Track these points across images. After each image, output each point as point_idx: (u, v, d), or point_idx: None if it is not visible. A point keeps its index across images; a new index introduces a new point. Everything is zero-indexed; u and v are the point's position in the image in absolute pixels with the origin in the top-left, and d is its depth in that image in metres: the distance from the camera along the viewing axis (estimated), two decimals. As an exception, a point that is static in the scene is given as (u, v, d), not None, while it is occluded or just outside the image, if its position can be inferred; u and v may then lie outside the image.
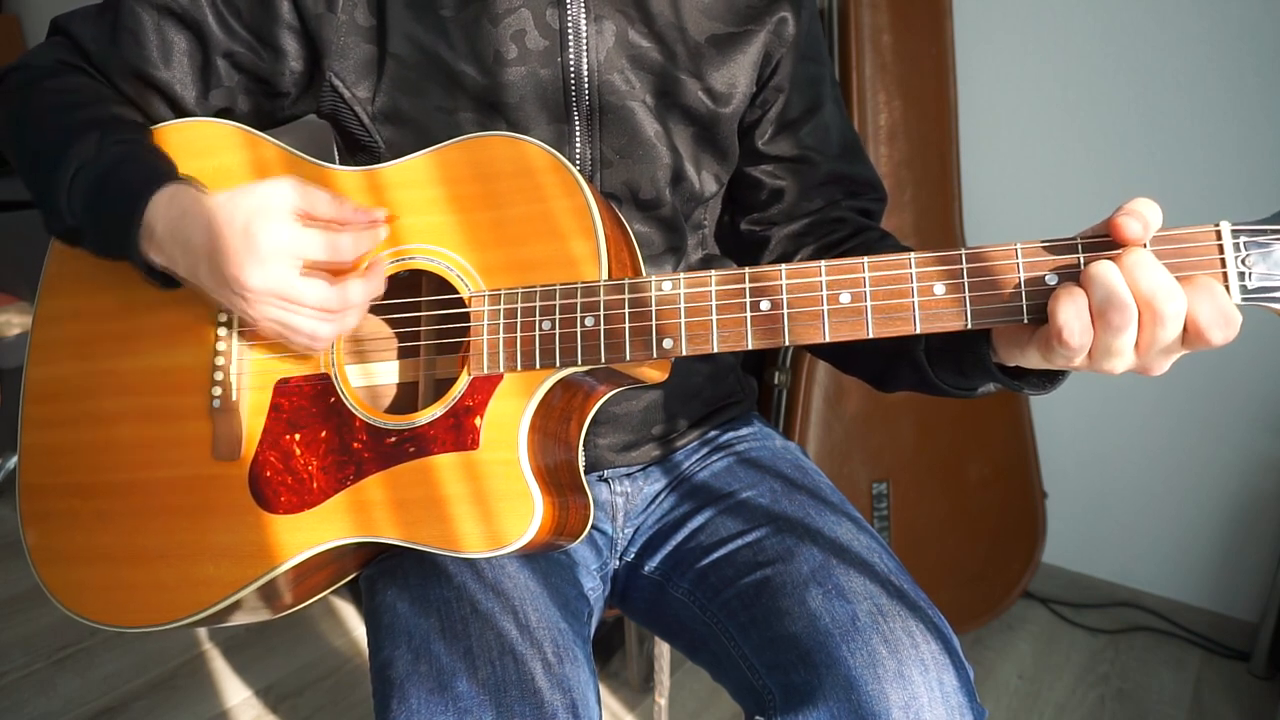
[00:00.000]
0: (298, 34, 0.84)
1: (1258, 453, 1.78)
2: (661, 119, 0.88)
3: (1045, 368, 0.67)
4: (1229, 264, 0.59)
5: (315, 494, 0.77)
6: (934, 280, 0.64)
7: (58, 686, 1.68)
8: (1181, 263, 0.60)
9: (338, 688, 1.73)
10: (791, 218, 0.95)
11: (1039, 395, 0.72)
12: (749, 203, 0.97)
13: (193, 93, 0.86)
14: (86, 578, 0.82)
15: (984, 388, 0.77)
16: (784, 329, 0.67)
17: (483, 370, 0.74)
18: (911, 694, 0.72)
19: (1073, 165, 1.84)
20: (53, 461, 0.85)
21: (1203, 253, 0.59)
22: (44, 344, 0.87)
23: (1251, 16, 1.61)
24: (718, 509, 0.93)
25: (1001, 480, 1.87)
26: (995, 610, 1.87)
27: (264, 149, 0.83)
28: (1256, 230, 0.59)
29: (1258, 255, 0.59)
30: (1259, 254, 0.59)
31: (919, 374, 0.80)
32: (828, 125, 0.95)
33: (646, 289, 0.71)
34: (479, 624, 0.75)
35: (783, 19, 0.90)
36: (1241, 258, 0.59)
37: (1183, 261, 0.60)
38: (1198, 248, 0.60)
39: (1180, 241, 0.60)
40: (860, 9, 1.75)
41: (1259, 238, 0.59)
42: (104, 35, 0.84)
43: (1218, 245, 0.59)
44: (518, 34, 0.83)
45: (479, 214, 0.76)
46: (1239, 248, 0.59)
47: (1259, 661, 1.78)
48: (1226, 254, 0.59)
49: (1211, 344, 0.58)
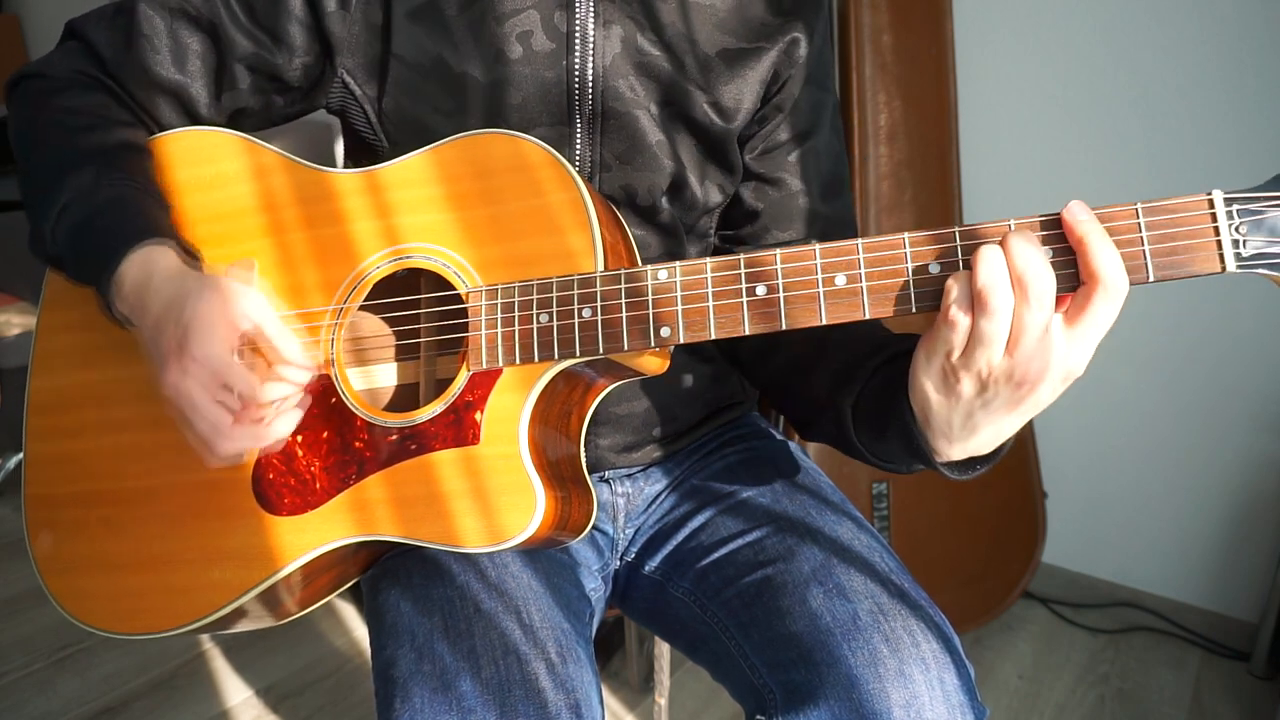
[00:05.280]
0: (309, 29, 0.84)
1: (1258, 453, 1.78)
2: (665, 129, 0.87)
3: (954, 455, 0.68)
4: (1222, 232, 0.59)
5: (318, 494, 0.77)
6: (929, 260, 0.64)
7: (58, 686, 1.68)
8: (1174, 232, 0.59)
9: (338, 688, 1.73)
10: (760, 242, 0.95)
11: (957, 478, 0.71)
12: (725, 216, 0.96)
13: (206, 95, 0.86)
14: (94, 586, 0.82)
15: (898, 464, 0.76)
16: (781, 313, 0.67)
17: (482, 365, 0.74)
18: (912, 693, 0.72)
19: (1073, 165, 1.84)
20: (58, 471, 0.85)
21: (1195, 222, 0.59)
22: (47, 354, 0.88)
23: (1251, 16, 1.61)
24: (718, 509, 0.93)
25: (1001, 480, 1.87)
26: (995, 610, 1.87)
27: (262, 155, 0.84)
28: (1249, 198, 0.59)
29: (1251, 223, 0.58)
30: (1252, 222, 0.58)
31: (840, 429, 0.80)
32: (819, 154, 0.94)
33: (643, 278, 0.70)
34: (482, 624, 0.75)
35: (795, 39, 0.89)
36: (1235, 225, 0.59)
37: (1176, 231, 0.59)
38: (1190, 217, 0.59)
39: (1173, 211, 0.60)
40: (860, 9, 1.75)
41: (1252, 205, 0.58)
42: (119, 41, 0.84)
43: (1210, 214, 0.59)
44: (524, 35, 0.83)
45: (475, 211, 0.77)
46: (1232, 215, 0.59)
47: (1259, 661, 1.78)
48: (1220, 222, 0.59)
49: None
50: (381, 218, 0.79)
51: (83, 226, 0.77)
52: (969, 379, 0.62)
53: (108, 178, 0.78)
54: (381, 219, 0.79)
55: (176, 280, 0.74)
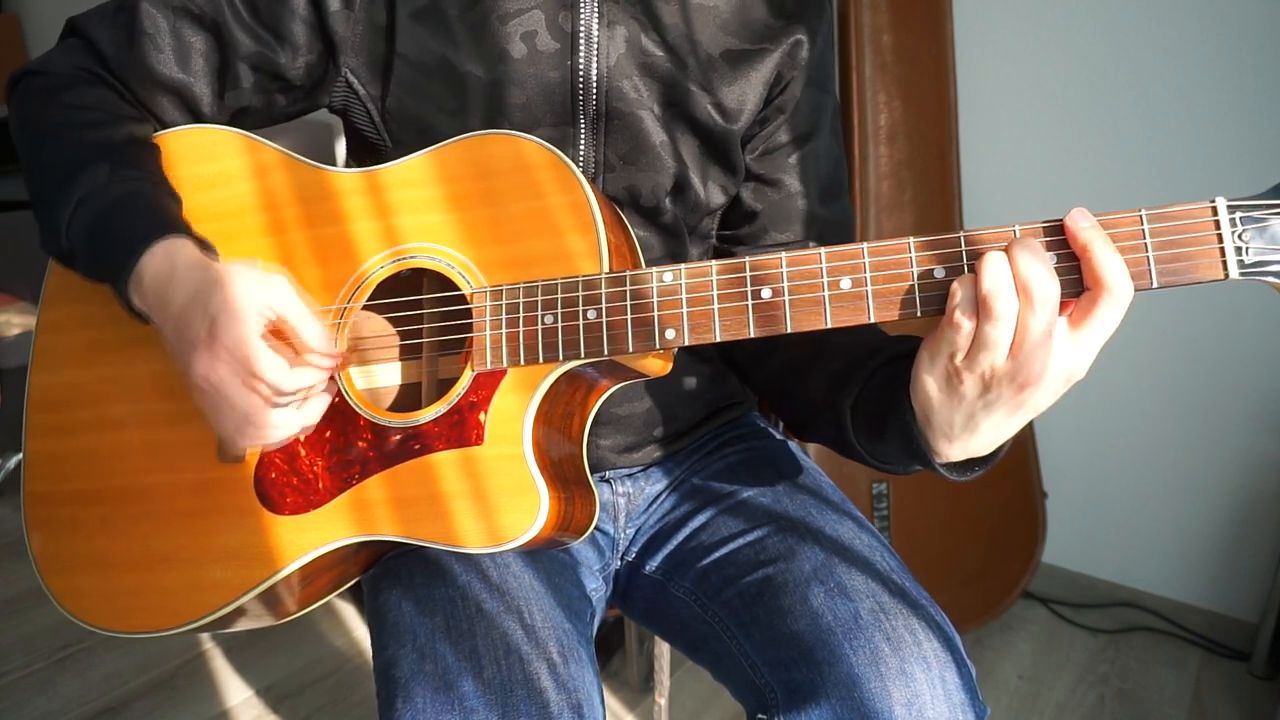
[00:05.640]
0: (312, 28, 0.84)
1: (1258, 453, 1.78)
2: (669, 129, 0.87)
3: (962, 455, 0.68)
4: (1225, 239, 0.59)
5: (321, 494, 0.77)
6: (934, 265, 0.64)
7: (58, 686, 1.68)
8: (1178, 239, 0.60)
9: (338, 688, 1.73)
10: (759, 244, 0.95)
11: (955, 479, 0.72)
12: (723, 216, 0.96)
13: (209, 94, 0.86)
14: (92, 585, 0.82)
15: (895, 465, 0.77)
16: (785, 316, 0.67)
17: (485, 366, 0.74)
18: (914, 691, 0.72)
19: (1073, 165, 1.84)
20: (57, 469, 0.85)
21: (1199, 229, 0.59)
22: (47, 351, 0.87)
23: (1251, 16, 1.61)
24: (719, 508, 0.93)
25: (1001, 480, 1.87)
26: (995, 610, 1.87)
27: (264, 153, 0.83)
28: (1252, 205, 0.59)
29: (1254, 230, 0.59)
30: (1255, 229, 0.59)
31: (838, 429, 0.80)
32: (819, 156, 0.94)
33: (648, 280, 0.71)
34: (484, 624, 0.75)
35: (798, 41, 0.89)
36: (1238, 233, 0.59)
37: (1179, 238, 0.60)
38: (1194, 224, 0.59)
39: (1176, 219, 0.60)
40: (860, 9, 1.75)
41: (1255, 212, 0.59)
42: (121, 39, 0.84)
43: (1214, 221, 0.59)
44: (528, 34, 0.83)
45: (478, 211, 0.77)
46: (1235, 223, 0.59)
47: (1259, 661, 1.79)
48: (1223, 229, 0.59)
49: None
50: (384, 217, 0.79)
51: (99, 221, 0.77)
52: (972, 380, 0.62)
53: (121, 172, 0.78)
54: (384, 219, 0.79)
55: (200, 270, 0.73)
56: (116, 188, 0.77)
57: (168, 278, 0.74)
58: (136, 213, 0.77)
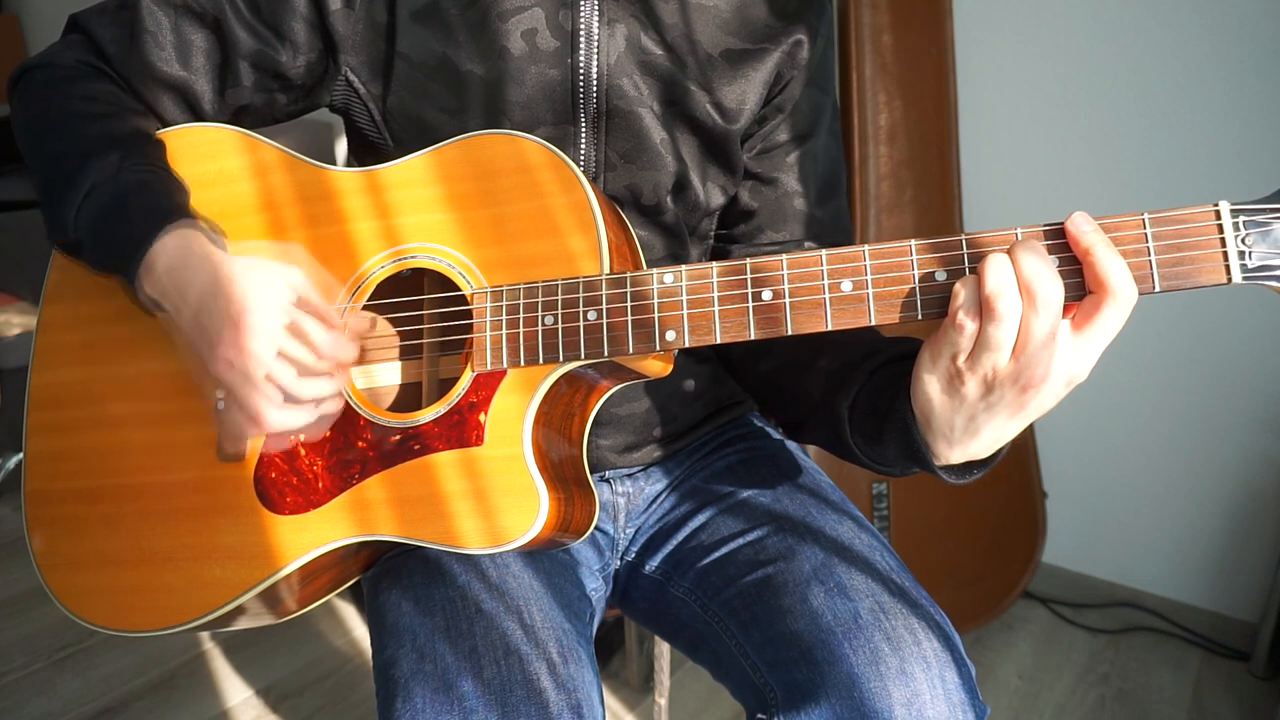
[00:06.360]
0: (313, 27, 0.84)
1: (1258, 453, 1.78)
2: (668, 127, 0.87)
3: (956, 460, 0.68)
4: (1229, 243, 0.59)
5: (320, 494, 0.77)
6: (935, 267, 0.64)
7: (58, 686, 1.68)
8: (1181, 243, 0.60)
9: (338, 688, 1.73)
10: (754, 242, 0.95)
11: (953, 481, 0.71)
12: (720, 215, 0.96)
13: (210, 91, 0.86)
14: (92, 583, 0.82)
15: (893, 467, 0.76)
16: (786, 319, 0.67)
17: (486, 366, 0.74)
18: (914, 691, 0.72)
19: (1073, 165, 1.84)
20: (58, 467, 0.85)
21: (1202, 233, 0.59)
22: (48, 349, 0.87)
23: (1251, 16, 1.61)
24: (719, 508, 0.93)
25: (1001, 480, 1.87)
26: (995, 610, 1.87)
27: (264, 152, 0.83)
28: (1256, 209, 0.59)
29: (1257, 235, 0.59)
30: (1258, 233, 0.59)
31: (835, 430, 0.80)
32: (817, 156, 0.94)
33: (648, 282, 0.71)
34: (483, 624, 0.75)
35: (798, 41, 0.89)
36: (1241, 237, 0.59)
37: (1183, 242, 0.60)
38: (1197, 228, 0.60)
39: (1180, 222, 0.60)
40: (860, 9, 1.75)
41: (1258, 217, 0.59)
42: (123, 36, 0.84)
43: (1217, 225, 0.59)
44: (528, 32, 0.83)
45: (479, 211, 0.77)
46: (1238, 227, 0.59)
47: (1259, 661, 1.79)
48: (1226, 234, 0.59)
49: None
50: (384, 217, 0.79)
51: (109, 210, 0.77)
52: (974, 381, 0.62)
53: (131, 162, 0.78)
54: (384, 218, 0.79)
55: (216, 260, 0.74)
56: (126, 176, 0.77)
57: (182, 265, 0.74)
58: (148, 201, 0.77)
